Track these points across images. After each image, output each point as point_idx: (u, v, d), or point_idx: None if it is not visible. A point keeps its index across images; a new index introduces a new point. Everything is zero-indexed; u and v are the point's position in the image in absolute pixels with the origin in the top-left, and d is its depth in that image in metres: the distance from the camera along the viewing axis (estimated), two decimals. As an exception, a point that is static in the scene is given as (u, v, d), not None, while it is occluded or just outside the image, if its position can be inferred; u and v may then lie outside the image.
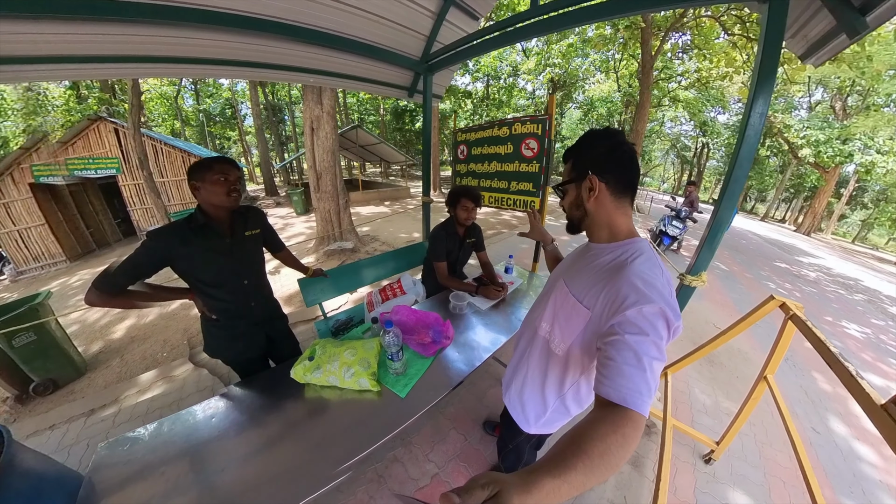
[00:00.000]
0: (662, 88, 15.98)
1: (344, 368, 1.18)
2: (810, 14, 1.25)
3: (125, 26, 1.47)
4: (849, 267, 9.75)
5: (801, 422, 2.32)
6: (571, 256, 0.94)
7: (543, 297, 0.97)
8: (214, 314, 1.29)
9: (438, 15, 2.26)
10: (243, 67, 2.01)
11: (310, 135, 5.54)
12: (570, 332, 0.79)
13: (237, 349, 1.38)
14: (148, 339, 3.35)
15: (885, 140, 13.91)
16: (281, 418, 1.12)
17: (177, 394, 2.31)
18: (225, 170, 1.14)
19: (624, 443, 0.49)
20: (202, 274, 1.21)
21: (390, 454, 1.72)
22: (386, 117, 26.54)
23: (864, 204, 24.37)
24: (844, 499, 1.75)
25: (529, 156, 2.48)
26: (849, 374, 0.84)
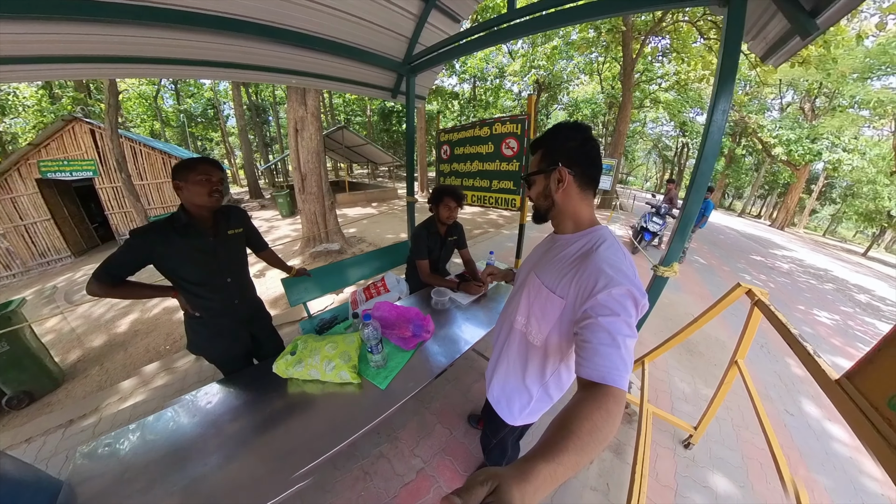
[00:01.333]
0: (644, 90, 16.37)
1: (325, 362, 1.19)
2: (767, 17, 1.33)
3: (106, 27, 1.44)
4: (819, 258, 10.28)
5: (775, 405, 2.43)
6: (539, 250, 0.96)
7: (516, 292, 0.99)
8: (198, 311, 1.31)
9: (420, 17, 2.29)
10: (226, 69, 1.99)
11: (294, 136, 5.48)
12: (546, 323, 0.82)
13: (221, 346, 1.40)
14: (128, 345, 3.27)
15: (849, 139, 14.72)
16: (264, 412, 1.13)
17: (158, 401, 2.25)
18: (208, 170, 1.16)
19: (608, 417, 0.51)
20: (185, 272, 1.23)
21: (376, 450, 1.73)
22: (373, 118, 26.37)
23: (832, 199, 25.53)
24: (817, 475, 1.85)
25: (510, 155, 2.54)
26: (807, 353, 0.90)
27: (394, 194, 13.42)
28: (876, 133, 15.67)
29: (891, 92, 12.97)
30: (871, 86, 13.30)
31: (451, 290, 1.93)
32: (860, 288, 7.21)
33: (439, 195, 1.98)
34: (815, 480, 1.82)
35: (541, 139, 0.83)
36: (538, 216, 0.88)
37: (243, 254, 1.46)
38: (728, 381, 1.60)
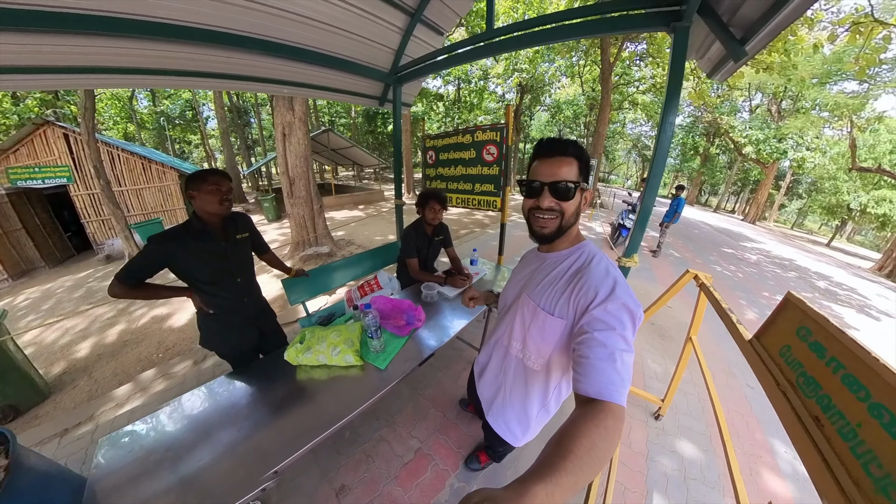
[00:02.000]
0: (622, 92, 17.00)
1: (331, 348, 1.34)
2: (709, 42, 1.52)
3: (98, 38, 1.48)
4: (785, 249, 10.96)
5: (738, 379, 2.70)
6: (524, 270, 0.92)
7: (506, 317, 0.94)
8: (211, 309, 1.42)
9: (406, 31, 2.42)
10: (218, 79, 2.06)
11: (281, 140, 5.50)
12: (546, 345, 0.80)
13: (232, 341, 1.51)
14: (118, 354, 3.24)
15: (812, 138, 15.67)
16: (277, 396, 1.25)
17: (157, 405, 2.27)
18: (218, 181, 1.29)
19: (607, 435, 0.50)
20: (200, 273, 1.35)
21: (376, 435, 1.85)
22: (358, 120, 26.26)
23: (799, 194, 27.09)
24: (772, 439, 2.11)
25: (490, 160, 2.70)
26: (731, 322, 1.08)
27: (380, 196, 13.43)
28: (835, 133, 16.70)
29: (846, 96, 13.84)
30: (829, 90, 14.17)
31: (438, 285, 2.09)
32: (820, 275, 7.78)
33: (424, 199, 2.13)
34: (768, 444, 2.07)
35: (575, 147, 0.74)
36: (552, 236, 0.78)
37: (250, 256, 1.59)
38: (685, 356, 1.81)
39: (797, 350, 0.72)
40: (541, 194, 0.73)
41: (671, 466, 1.82)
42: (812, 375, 0.65)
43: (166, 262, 1.27)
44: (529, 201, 0.77)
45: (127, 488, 0.94)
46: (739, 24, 1.21)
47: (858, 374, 0.55)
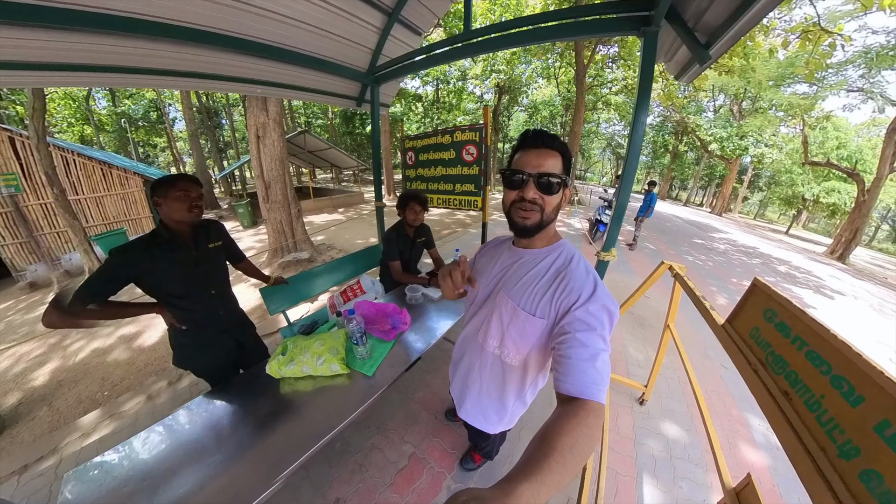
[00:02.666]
0: (596, 93, 17.56)
1: (315, 357, 1.29)
2: (676, 46, 1.60)
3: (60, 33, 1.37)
4: (750, 238, 11.78)
5: (713, 361, 2.89)
6: (498, 265, 0.88)
7: (478, 313, 0.92)
8: (184, 324, 1.33)
9: (383, 30, 2.39)
10: (186, 78, 1.95)
11: (255, 143, 5.32)
12: (525, 343, 0.80)
13: (208, 357, 1.42)
14: (81, 380, 2.90)
15: (769, 136, 16.80)
16: (260, 413, 1.19)
17: (129, 430, 2.11)
18: (186, 186, 1.21)
19: (589, 433, 0.52)
20: (170, 286, 1.26)
21: (367, 443, 1.81)
22: (335, 121, 25.79)
23: (760, 187, 28.87)
24: (747, 414, 2.27)
25: (470, 160, 2.72)
26: (705, 308, 1.13)
27: (360, 199, 13.23)
28: (790, 130, 17.93)
29: (798, 97, 14.87)
30: (784, 92, 15.19)
31: (423, 286, 2.07)
32: (781, 261, 8.45)
33: (405, 200, 2.11)
34: (744, 419, 2.23)
35: (561, 143, 0.74)
36: (534, 229, 0.76)
37: (224, 266, 1.50)
38: (664, 343, 1.89)
39: (765, 331, 0.77)
40: (525, 185, 0.71)
41: (658, 448, 1.91)
42: (780, 354, 0.70)
43: (132, 275, 1.17)
44: (512, 193, 0.74)
45: None
46: (704, 29, 1.28)
47: (820, 350, 0.60)
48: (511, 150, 0.79)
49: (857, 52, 12.05)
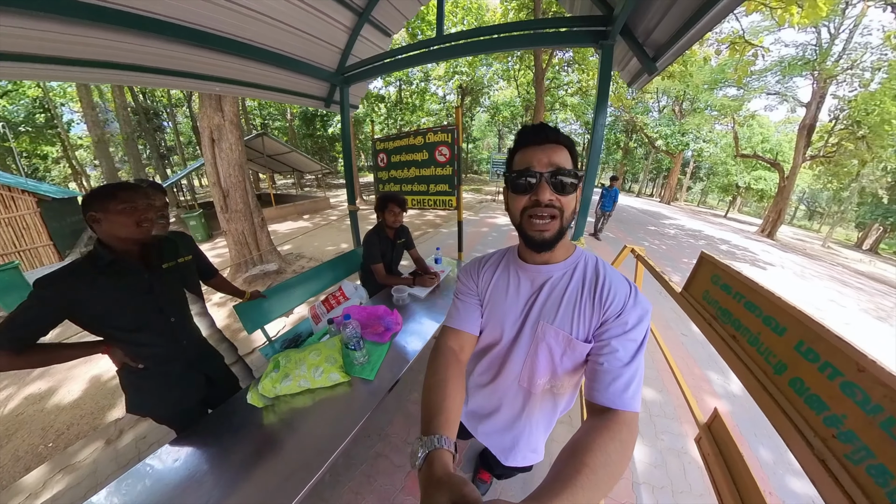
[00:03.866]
0: (554, 95, 18.43)
1: (312, 369, 1.22)
2: (629, 58, 1.77)
3: None
4: (695, 223, 13.41)
5: (674, 331, 3.34)
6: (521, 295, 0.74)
7: (512, 355, 0.77)
8: (141, 363, 1.14)
9: (353, 30, 2.37)
10: (136, 72, 1.76)
11: (210, 147, 5.00)
12: (578, 370, 0.72)
13: (172, 399, 1.23)
14: (15, 433, 2.46)
15: (706, 132, 18.72)
16: (254, 442, 1.07)
17: (89, 480, 1.85)
18: (130, 197, 1.01)
19: (622, 448, 0.49)
20: (119, 319, 1.06)
21: (371, 452, 1.79)
22: (294, 122, 24.77)
23: (701, 178, 31.99)
24: (708, 371, 2.69)
25: (443, 161, 2.79)
26: (665, 280, 1.30)
27: (326, 204, 12.83)
28: (723, 127, 19.96)
29: (728, 99, 16.66)
30: (717, 94, 16.93)
31: (408, 287, 2.09)
32: (722, 241, 9.99)
33: (384, 202, 2.13)
34: (705, 375, 2.62)
35: (565, 136, 0.64)
36: (555, 240, 0.64)
37: (182, 288, 1.34)
38: None
39: (713, 292, 0.94)
40: (538, 188, 0.59)
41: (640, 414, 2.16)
42: (725, 307, 0.87)
43: (66, 310, 0.96)
44: (522, 199, 0.62)
45: None
46: (651, 45, 1.45)
47: (753, 300, 0.76)
48: (508, 151, 0.68)
49: (773, 62, 13.85)
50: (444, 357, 0.70)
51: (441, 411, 0.56)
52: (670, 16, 1.28)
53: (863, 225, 24.39)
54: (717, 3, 1.03)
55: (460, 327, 0.77)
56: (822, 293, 6.46)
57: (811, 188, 31.06)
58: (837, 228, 24.64)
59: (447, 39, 1.95)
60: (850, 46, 12.94)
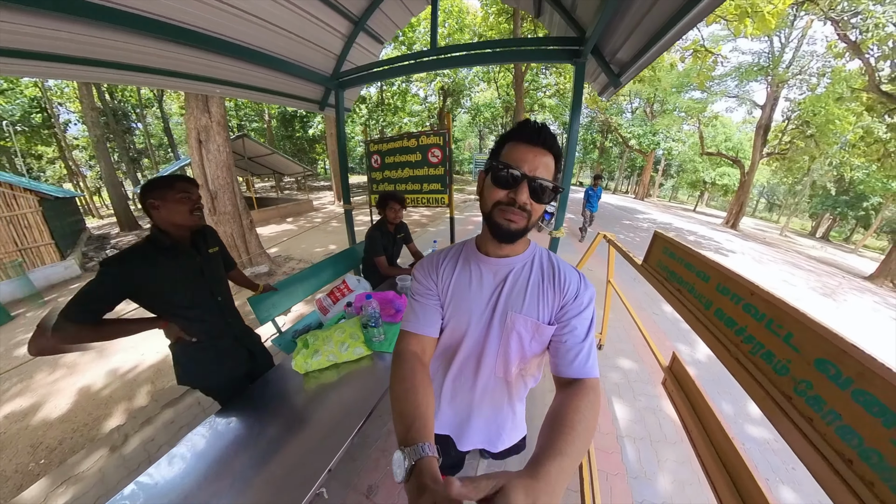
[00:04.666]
0: (532, 96, 19.01)
1: (339, 345, 1.40)
2: (598, 73, 2.04)
3: None
4: (666, 217, 14.64)
5: (646, 311, 3.76)
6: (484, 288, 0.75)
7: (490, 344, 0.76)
8: (195, 337, 1.25)
9: (349, 37, 2.52)
10: (137, 73, 1.80)
11: (197, 148, 4.99)
12: (542, 351, 0.77)
13: (222, 370, 1.35)
14: (1, 453, 2.28)
15: (675, 132, 19.87)
16: (287, 414, 1.18)
17: (97, 489, 1.80)
18: (187, 188, 1.14)
19: (593, 407, 0.57)
20: (178, 296, 1.17)
21: (384, 430, 1.95)
22: (272, 124, 24.26)
23: (671, 174, 33.71)
24: (679, 344, 3.08)
25: (435, 161, 3.01)
26: (630, 257, 1.56)
27: (309, 207, 12.68)
28: (691, 127, 21.18)
29: (694, 101, 17.75)
30: (684, 97, 17.99)
31: (410, 277, 2.29)
32: (690, 232, 11.04)
33: (385, 200, 2.33)
34: (676, 346, 2.98)
35: (558, 147, 0.66)
36: (519, 234, 0.67)
37: (223, 271, 1.44)
38: (608, 296, 2.40)
39: (664, 261, 1.19)
40: (518, 187, 0.61)
41: (618, 378, 2.51)
42: (672, 270, 1.11)
43: (131, 287, 1.06)
44: (500, 192, 0.64)
45: None
46: (616, 63, 1.72)
47: (690, 261, 1.01)
48: (499, 138, 0.69)
49: (732, 68, 14.95)
50: (408, 363, 0.69)
51: (417, 417, 0.56)
52: (631, 40, 1.54)
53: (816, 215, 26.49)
54: (670, 29, 1.27)
55: (420, 331, 0.75)
56: (776, 275, 7.17)
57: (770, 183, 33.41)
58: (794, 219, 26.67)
59: (440, 52, 2.16)
60: (798, 54, 14.17)
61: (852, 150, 13.70)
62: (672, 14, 1.19)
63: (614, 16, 1.46)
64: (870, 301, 6.49)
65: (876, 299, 6.71)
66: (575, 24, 1.72)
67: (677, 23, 1.19)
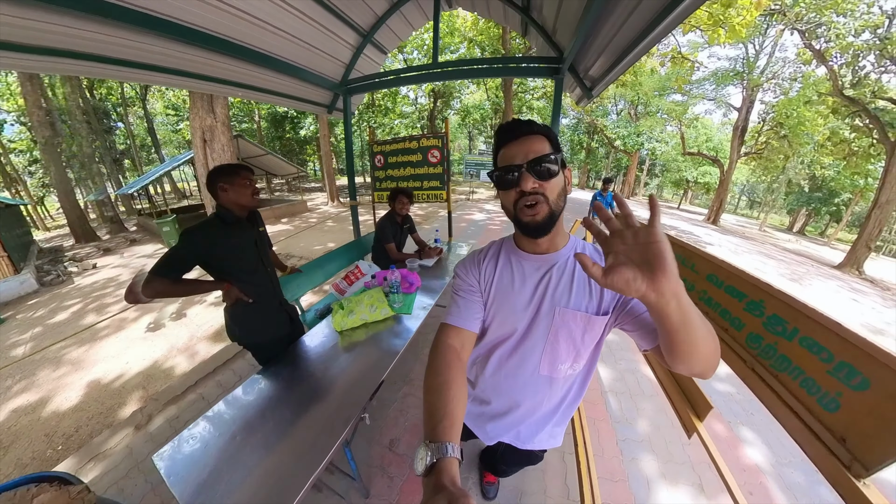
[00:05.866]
0: (521, 98, 19.50)
1: (369, 307, 1.72)
2: (574, 86, 2.39)
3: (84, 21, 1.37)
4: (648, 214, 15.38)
5: None
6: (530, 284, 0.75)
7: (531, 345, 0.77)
8: (251, 298, 1.48)
9: (357, 48, 2.82)
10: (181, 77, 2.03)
11: (202, 147, 5.19)
12: (597, 344, 0.76)
13: (269, 329, 1.57)
14: (12, 445, 2.30)
15: (658, 133, 20.60)
16: (321, 371, 1.41)
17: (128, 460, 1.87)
18: (249, 176, 1.37)
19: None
20: (242, 262, 1.41)
21: (399, 394, 2.21)
22: (262, 124, 24.12)
23: (655, 174, 34.80)
24: None
25: (434, 162, 3.34)
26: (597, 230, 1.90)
27: (303, 208, 12.71)
28: (673, 129, 22.01)
29: (675, 103, 18.52)
30: (666, 99, 18.74)
31: (417, 259, 2.64)
32: (672, 227, 11.56)
33: (395, 195, 2.64)
34: None
35: (540, 125, 0.67)
36: (548, 223, 0.66)
37: (267, 247, 1.67)
38: None
39: None
40: (520, 179, 0.63)
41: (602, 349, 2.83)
42: None
43: (206, 253, 1.29)
44: (510, 194, 0.65)
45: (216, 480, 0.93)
46: (589, 78, 2.07)
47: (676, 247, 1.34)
48: (493, 149, 0.72)
49: (710, 73, 15.71)
50: (445, 357, 0.68)
51: (446, 415, 0.55)
52: (601, 60, 1.88)
53: (792, 211, 27.77)
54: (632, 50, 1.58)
55: (462, 325, 0.75)
56: (750, 264, 7.75)
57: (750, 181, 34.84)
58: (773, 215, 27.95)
59: (441, 66, 2.49)
60: (772, 60, 14.98)
61: (821, 149, 14.61)
62: (634, 38, 1.50)
63: (587, 40, 1.80)
64: (833, 285, 7.12)
65: (840, 284, 7.35)
66: (554, 46, 2.06)
67: (638, 44, 1.50)
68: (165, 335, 3.60)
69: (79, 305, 4.71)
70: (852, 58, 9.72)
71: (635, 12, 1.34)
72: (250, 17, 1.88)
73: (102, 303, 4.72)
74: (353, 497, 1.57)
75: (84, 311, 4.48)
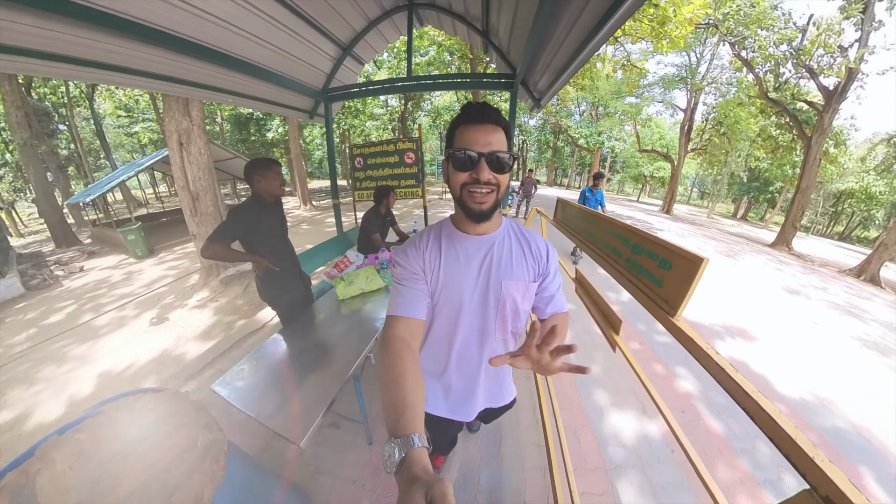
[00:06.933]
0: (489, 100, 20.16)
1: (365, 279, 2.11)
2: (526, 97, 2.84)
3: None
4: (612, 206, 16.51)
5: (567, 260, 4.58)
6: (475, 263, 0.81)
7: (481, 316, 0.84)
8: (278, 266, 1.87)
9: (338, 60, 3.10)
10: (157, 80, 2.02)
11: (178, 150, 5.14)
12: (529, 308, 0.89)
13: (290, 293, 1.99)
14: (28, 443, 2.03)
15: (617, 132, 22.15)
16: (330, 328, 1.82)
17: None
18: (279, 170, 1.74)
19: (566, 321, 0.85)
20: (273, 239, 1.81)
21: None
22: (225, 126, 23.21)
23: (617, 170, 37.09)
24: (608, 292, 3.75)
25: (410, 163, 3.72)
26: (545, 215, 2.35)
27: (278, 208, 12.61)
28: (630, 128, 23.66)
29: (630, 105, 19.98)
30: (622, 101, 20.16)
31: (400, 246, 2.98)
32: (629, 217, 12.64)
33: (385, 192, 2.98)
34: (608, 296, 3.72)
35: (504, 118, 0.71)
36: (491, 212, 0.73)
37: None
38: None
39: (564, 216, 1.89)
40: (477, 166, 0.66)
41: (574, 339, 3.17)
42: (569, 219, 1.80)
43: (248, 228, 1.65)
44: (463, 175, 0.68)
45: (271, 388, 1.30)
46: (537, 92, 2.53)
47: (573, 209, 1.74)
48: (449, 126, 0.73)
49: (658, 78, 17.27)
50: (395, 349, 0.68)
51: (406, 408, 0.56)
52: (545, 76, 2.34)
53: (736, 200, 30.61)
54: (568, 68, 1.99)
55: (408, 314, 0.76)
56: (693, 244, 8.79)
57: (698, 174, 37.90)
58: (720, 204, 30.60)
59: (414, 79, 2.86)
60: (711, 67, 16.68)
61: (754, 144, 16.43)
62: (569, 58, 1.86)
63: (533, 59, 2.23)
64: (763, 259, 8.27)
65: (769, 258, 8.55)
66: (509, 64, 2.50)
67: (572, 63, 1.88)
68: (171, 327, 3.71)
69: (73, 307, 4.68)
70: (774, 66, 11.15)
71: (569, 37, 1.66)
72: (238, 28, 2.00)
73: (98, 303, 4.73)
74: (357, 440, 1.86)
75: (80, 312, 4.47)
